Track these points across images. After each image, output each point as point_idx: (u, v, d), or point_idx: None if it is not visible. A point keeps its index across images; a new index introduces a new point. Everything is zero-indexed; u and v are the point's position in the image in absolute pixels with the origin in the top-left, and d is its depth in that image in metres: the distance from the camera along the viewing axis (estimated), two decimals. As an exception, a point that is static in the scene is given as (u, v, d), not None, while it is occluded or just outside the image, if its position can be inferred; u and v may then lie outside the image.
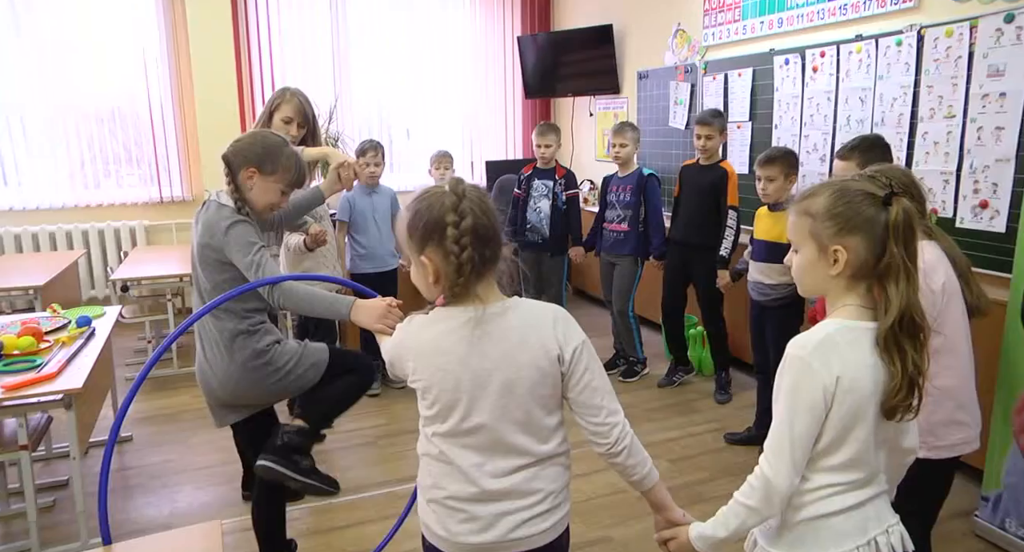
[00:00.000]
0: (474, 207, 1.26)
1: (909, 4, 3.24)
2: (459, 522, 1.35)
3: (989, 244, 2.93)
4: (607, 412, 1.36)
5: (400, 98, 6.03)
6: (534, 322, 1.33)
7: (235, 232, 1.96)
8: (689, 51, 4.75)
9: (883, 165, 1.99)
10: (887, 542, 1.26)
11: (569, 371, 1.33)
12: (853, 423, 1.21)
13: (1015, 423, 2.44)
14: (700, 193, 3.76)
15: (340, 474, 3.11)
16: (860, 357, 1.21)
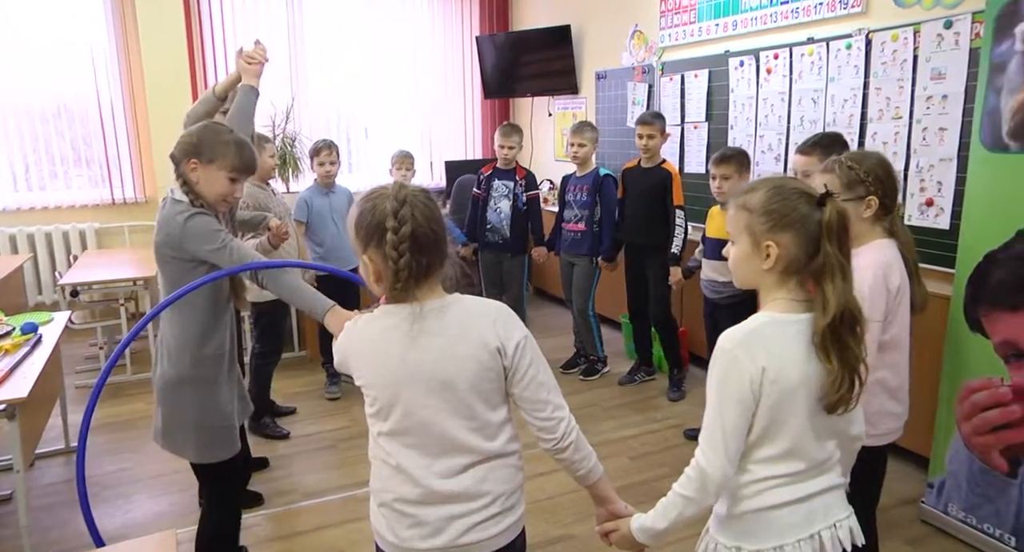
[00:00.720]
0: (415, 213, 1.26)
1: (857, 9, 3.33)
2: (408, 527, 1.34)
3: (934, 240, 3.02)
4: (553, 406, 1.36)
5: (358, 98, 5.97)
6: (474, 317, 1.33)
7: (193, 223, 1.92)
8: (646, 52, 4.80)
9: (860, 151, 2.04)
10: (831, 536, 1.29)
11: (512, 366, 1.33)
12: (783, 414, 1.24)
13: (959, 413, 2.52)
14: (645, 195, 3.80)
15: (300, 478, 3.08)
16: (787, 350, 1.24)
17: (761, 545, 1.28)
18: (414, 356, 1.30)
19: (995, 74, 2.38)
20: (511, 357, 1.33)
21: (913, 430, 2.84)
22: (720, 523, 1.35)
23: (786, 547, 1.27)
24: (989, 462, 2.44)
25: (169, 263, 1.98)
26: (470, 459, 1.34)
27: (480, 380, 1.32)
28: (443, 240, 1.32)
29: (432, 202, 1.32)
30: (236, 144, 2.01)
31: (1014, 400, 2.34)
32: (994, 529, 2.45)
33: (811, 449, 1.28)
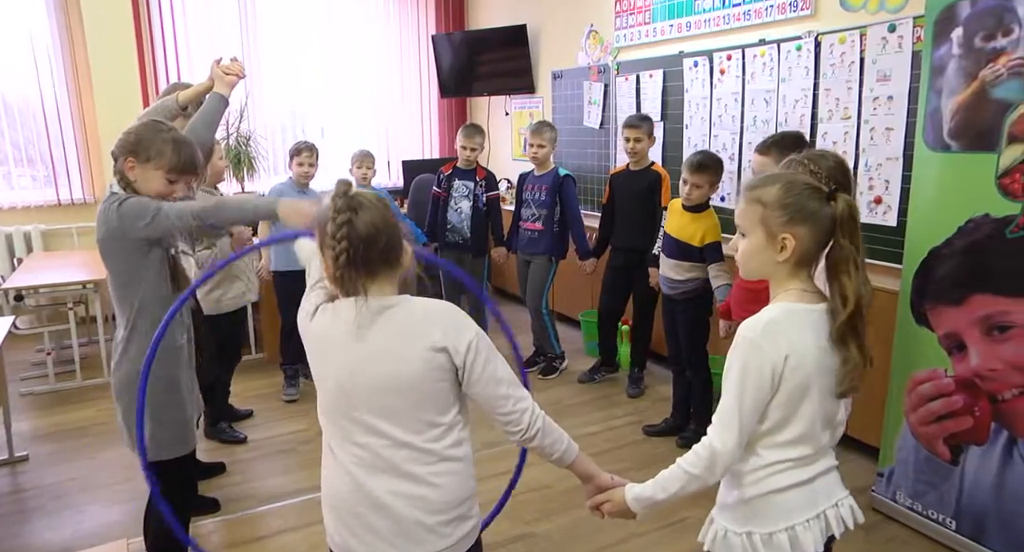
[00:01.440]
0: (359, 212, 1.29)
1: (806, 12, 3.41)
2: (346, 527, 1.36)
3: (883, 237, 3.11)
4: (514, 399, 1.38)
5: (314, 96, 5.89)
6: (420, 319, 1.34)
7: (125, 206, 1.88)
8: (602, 52, 4.84)
9: (818, 150, 2.09)
10: (836, 515, 1.37)
11: (466, 365, 1.34)
12: (800, 401, 1.30)
13: (906, 404, 2.61)
14: (636, 199, 3.79)
15: (258, 483, 3.03)
16: (804, 338, 1.30)
17: (772, 528, 1.33)
18: (357, 352, 1.31)
19: (936, 76, 2.46)
20: (463, 357, 1.33)
21: (864, 422, 2.95)
22: (729, 510, 1.39)
23: (796, 527, 1.32)
24: (934, 450, 2.53)
25: (116, 256, 1.94)
26: (411, 460, 1.33)
27: (423, 380, 1.32)
28: (391, 242, 1.32)
29: (381, 203, 1.34)
30: (175, 143, 1.97)
31: (956, 390, 2.43)
32: (937, 514, 2.54)
33: (818, 434, 1.34)
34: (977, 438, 2.40)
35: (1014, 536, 2.33)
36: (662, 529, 2.61)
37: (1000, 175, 2.29)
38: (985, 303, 2.34)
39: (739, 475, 1.36)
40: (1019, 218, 2.25)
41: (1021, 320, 2.25)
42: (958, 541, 2.48)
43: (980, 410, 2.38)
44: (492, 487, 2.96)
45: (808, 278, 1.35)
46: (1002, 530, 2.36)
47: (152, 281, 1.96)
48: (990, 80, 2.29)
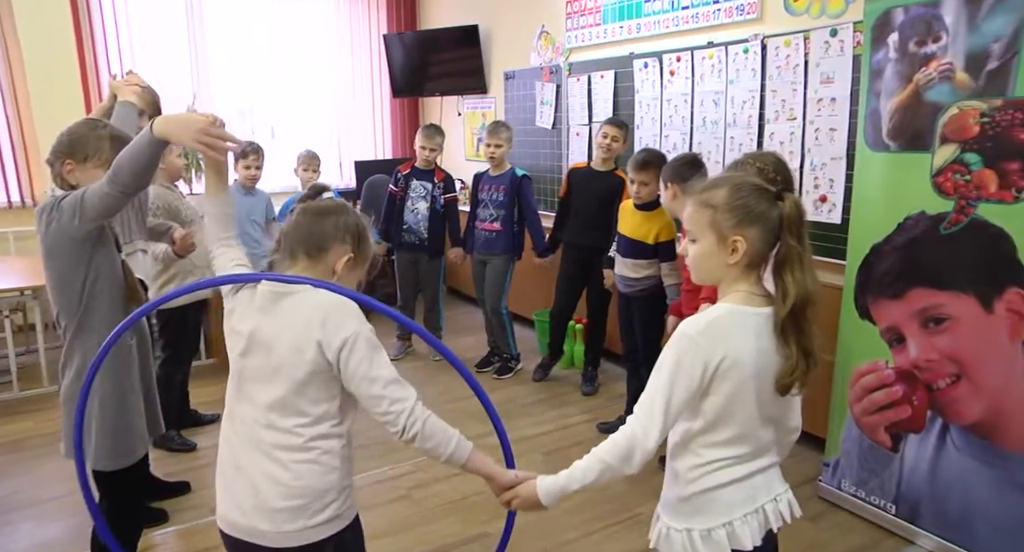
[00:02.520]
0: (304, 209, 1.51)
1: (752, 15, 3.49)
2: (220, 500, 1.45)
3: (828, 234, 3.20)
4: (389, 401, 1.39)
5: (264, 96, 5.78)
6: (309, 308, 1.40)
7: (65, 203, 1.82)
8: (553, 53, 4.88)
9: (759, 151, 2.15)
10: (774, 509, 1.39)
11: (339, 361, 1.38)
12: (736, 401, 1.31)
13: (850, 395, 2.69)
14: (596, 198, 3.82)
15: (212, 491, 2.94)
16: (745, 340, 1.30)
17: (711, 523, 1.34)
18: (256, 329, 1.43)
19: (874, 79, 2.55)
20: (336, 353, 1.38)
21: (811, 414, 3.01)
22: (670, 507, 1.41)
23: (734, 522, 1.34)
24: (876, 439, 2.63)
25: (60, 257, 1.87)
26: (278, 443, 1.41)
27: (295, 369, 1.39)
28: (319, 236, 1.45)
29: (338, 206, 1.51)
30: (112, 139, 1.93)
31: (897, 381, 2.53)
32: (879, 500, 2.64)
33: (757, 433, 1.36)
34: (915, 426, 2.50)
35: (945, 516, 2.45)
36: (616, 524, 2.65)
37: (934, 174, 2.38)
38: (922, 297, 2.43)
39: (678, 473, 1.38)
40: (951, 215, 2.35)
41: (954, 312, 2.35)
42: (897, 524, 2.59)
43: (918, 399, 2.47)
44: (449, 488, 2.97)
45: (758, 280, 1.35)
46: (935, 511, 2.47)
47: (98, 282, 1.90)
48: (923, 83, 2.39)
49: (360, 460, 3.07)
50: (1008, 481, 2.27)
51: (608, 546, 2.55)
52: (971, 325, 2.32)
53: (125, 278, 1.99)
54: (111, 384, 1.95)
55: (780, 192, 1.32)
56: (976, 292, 2.30)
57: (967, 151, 2.29)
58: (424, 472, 3.08)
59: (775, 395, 1.33)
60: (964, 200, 2.31)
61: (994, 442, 2.30)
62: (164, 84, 5.12)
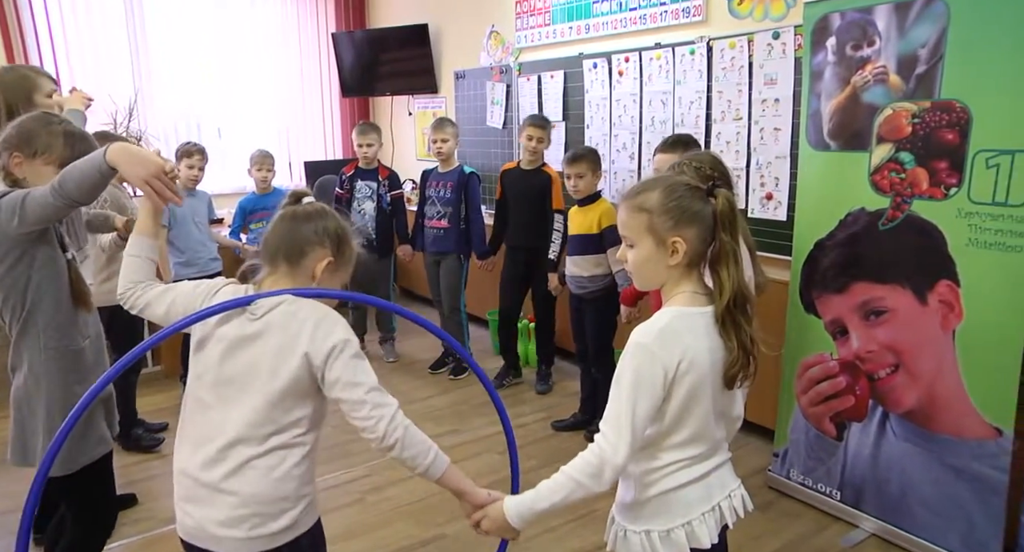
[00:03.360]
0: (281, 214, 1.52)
1: (698, 18, 3.57)
2: (178, 507, 1.45)
3: (775, 231, 3.30)
4: (371, 406, 1.38)
5: (210, 95, 5.64)
6: (296, 321, 1.40)
7: (8, 198, 1.73)
8: (503, 53, 4.89)
9: (695, 152, 2.21)
10: (729, 506, 1.41)
11: (325, 368, 1.39)
12: (693, 402, 1.31)
13: (797, 387, 2.78)
14: (527, 198, 3.85)
15: (165, 501, 2.86)
16: (697, 341, 1.31)
17: (670, 525, 1.35)
18: (240, 336, 1.42)
19: (815, 81, 2.64)
20: (323, 360, 1.38)
21: (760, 406, 3.11)
22: (626, 510, 1.41)
23: (693, 522, 1.35)
24: (822, 429, 2.72)
25: (8, 255, 1.79)
26: (236, 451, 1.40)
27: (275, 379, 1.39)
28: (297, 242, 1.46)
29: (316, 210, 1.52)
30: (66, 135, 1.86)
31: (840, 372, 2.62)
32: (825, 487, 2.74)
33: (711, 431, 1.37)
34: (858, 415, 2.59)
35: (885, 500, 2.55)
36: (572, 521, 2.68)
37: (872, 172, 2.48)
38: (863, 290, 2.53)
39: (636, 476, 1.37)
40: (888, 211, 2.44)
41: (892, 305, 2.45)
42: (842, 509, 2.68)
43: (860, 389, 2.57)
44: (404, 490, 2.96)
45: (699, 278, 1.36)
46: (877, 495, 2.58)
47: (43, 284, 1.83)
48: (860, 85, 2.48)
49: (315, 464, 3.05)
50: (939, 463, 2.38)
51: (568, 543, 2.58)
52: (907, 317, 2.42)
53: (72, 280, 1.93)
54: (60, 388, 1.88)
55: (711, 189, 1.33)
56: (912, 285, 2.40)
57: (901, 150, 2.39)
58: (378, 475, 3.07)
59: (723, 389, 1.35)
60: (900, 197, 2.41)
61: (928, 427, 2.40)
62: (103, 82, 5.01)
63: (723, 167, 2.08)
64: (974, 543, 2.32)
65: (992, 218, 2.20)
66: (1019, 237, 2.15)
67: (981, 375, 2.27)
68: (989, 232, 2.21)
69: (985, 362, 2.26)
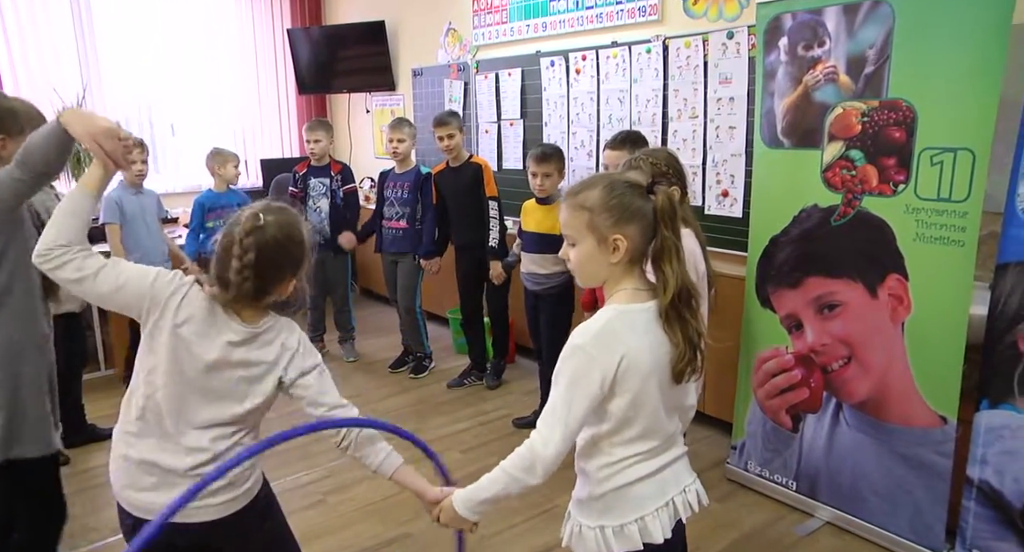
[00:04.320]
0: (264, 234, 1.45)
1: (654, 17, 3.60)
2: (137, 494, 1.51)
3: (731, 227, 3.35)
4: (327, 407, 1.54)
5: (163, 91, 5.50)
6: (279, 343, 1.53)
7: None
8: (461, 50, 4.88)
9: (651, 148, 2.23)
10: (683, 501, 1.42)
11: (295, 383, 1.53)
12: (641, 398, 1.31)
13: (754, 381, 2.83)
14: (463, 193, 3.82)
15: (107, 512, 2.77)
16: (638, 339, 1.30)
17: (623, 520, 1.36)
18: (229, 351, 1.47)
19: (768, 80, 2.69)
20: (296, 376, 1.52)
21: (719, 400, 3.16)
22: (582, 505, 1.41)
23: (646, 517, 1.36)
24: (778, 421, 2.77)
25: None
26: (211, 444, 1.48)
27: (255, 396, 1.50)
28: (280, 261, 1.45)
29: (284, 235, 1.46)
30: (33, 108, 1.91)
31: (796, 365, 2.68)
32: (782, 478, 2.79)
33: (663, 425, 1.37)
34: (812, 407, 2.65)
35: (838, 488, 2.62)
36: (534, 518, 2.69)
37: (824, 170, 2.54)
38: (817, 285, 2.58)
39: (589, 473, 1.38)
40: (840, 208, 2.50)
41: (845, 298, 2.51)
42: (798, 499, 2.74)
43: (815, 381, 2.63)
44: (366, 490, 2.93)
45: (641, 274, 1.36)
46: (830, 484, 2.64)
47: (16, 271, 1.79)
48: (811, 84, 2.54)
49: (273, 467, 3.01)
50: (889, 452, 2.45)
51: (529, 538, 2.59)
52: (859, 310, 2.48)
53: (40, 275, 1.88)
54: (33, 367, 1.85)
55: (651, 186, 1.33)
56: (863, 279, 2.46)
57: (852, 148, 2.45)
58: (339, 476, 3.04)
59: (672, 384, 1.35)
60: (851, 194, 2.47)
61: (879, 417, 2.47)
62: (48, 75, 4.84)
63: (678, 164, 2.11)
64: (920, 526, 2.40)
65: (937, 213, 2.27)
66: (961, 232, 2.22)
67: (928, 366, 2.34)
68: (934, 227, 2.28)
69: (931, 353, 2.33)
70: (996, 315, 2.19)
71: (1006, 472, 2.19)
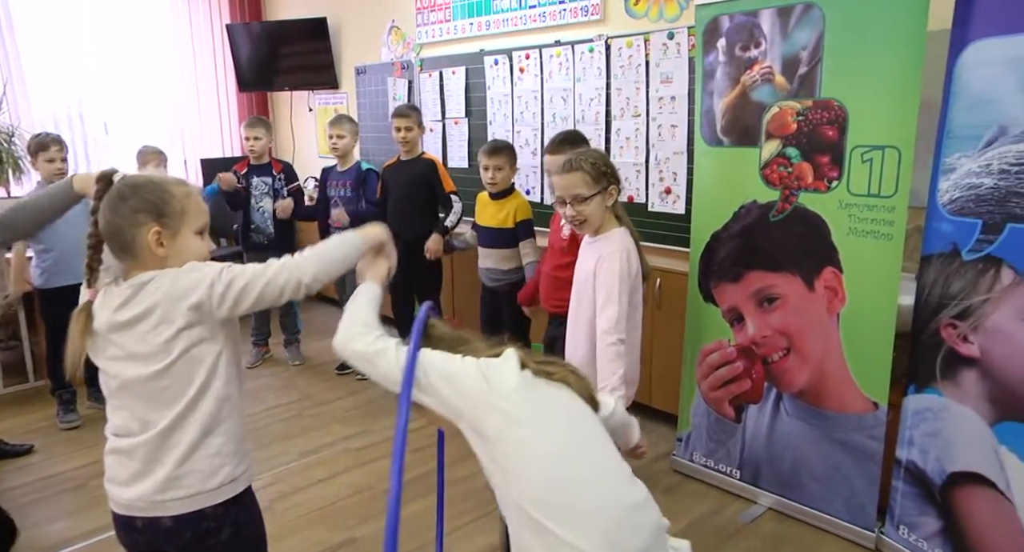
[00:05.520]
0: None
1: (596, 17, 3.65)
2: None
3: (674, 224, 3.42)
4: (267, 277, 1.51)
5: (95, 87, 5.30)
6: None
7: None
8: (404, 48, 4.85)
9: (584, 149, 2.27)
10: None
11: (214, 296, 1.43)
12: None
13: (698, 374, 2.90)
14: (409, 187, 3.79)
15: (43, 529, 2.67)
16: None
17: None
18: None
19: (707, 80, 2.75)
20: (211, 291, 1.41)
21: (664, 392, 3.23)
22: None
23: None
24: (721, 412, 2.85)
25: None
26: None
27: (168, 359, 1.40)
28: (118, 233, 1.38)
29: (108, 199, 1.40)
30: None
31: (738, 357, 2.75)
32: (726, 467, 2.87)
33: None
34: (754, 397, 2.73)
35: (780, 475, 2.71)
36: (479, 520, 2.69)
37: (762, 167, 2.61)
38: (757, 279, 2.66)
39: None
40: (778, 204, 2.58)
41: (784, 292, 2.60)
42: (742, 487, 2.82)
43: (756, 372, 2.71)
44: (313, 495, 2.90)
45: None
46: (772, 472, 2.73)
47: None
48: (749, 84, 2.61)
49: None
50: (826, 438, 2.55)
51: (477, 539, 2.59)
52: (797, 302, 2.57)
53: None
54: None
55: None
56: (801, 273, 2.55)
57: (788, 146, 2.53)
58: (284, 483, 2.99)
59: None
60: (788, 190, 2.55)
61: (816, 405, 2.57)
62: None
63: (610, 163, 2.16)
64: (855, 507, 2.51)
65: (868, 208, 2.37)
66: (889, 226, 2.32)
67: (861, 354, 2.44)
68: (866, 221, 2.38)
69: (864, 342, 2.43)
70: (921, 305, 2.30)
71: (929, 452, 2.30)
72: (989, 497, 2.14)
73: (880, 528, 2.47)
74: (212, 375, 1.40)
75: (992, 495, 2.13)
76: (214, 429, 1.41)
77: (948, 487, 2.25)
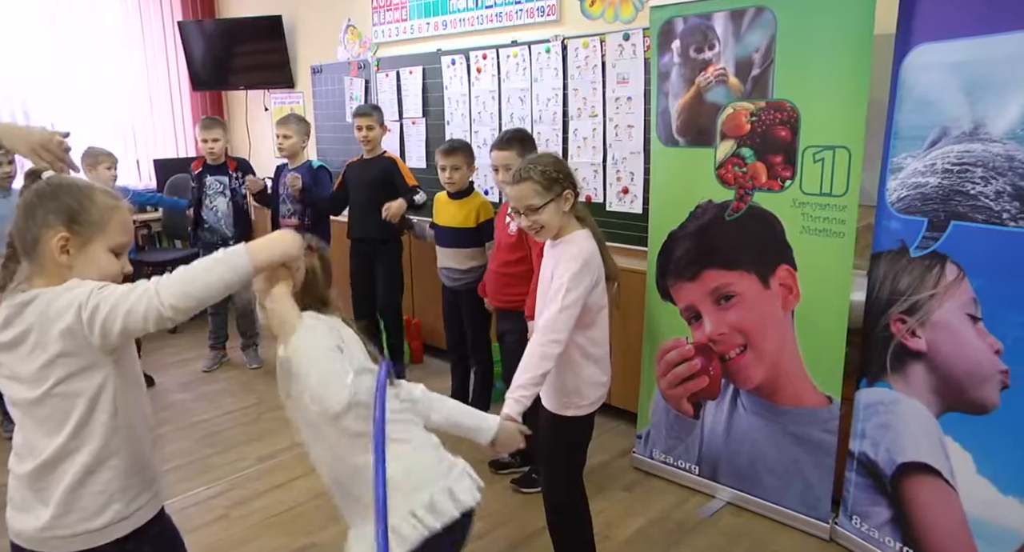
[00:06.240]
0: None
1: (552, 17, 3.66)
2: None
3: (631, 223, 3.45)
4: (128, 303, 1.46)
5: (41, 85, 5.13)
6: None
7: None
8: (361, 47, 4.81)
9: (535, 154, 2.26)
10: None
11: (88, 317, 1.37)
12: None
13: (657, 371, 2.94)
14: (370, 185, 3.78)
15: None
16: None
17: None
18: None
19: (663, 81, 2.79)
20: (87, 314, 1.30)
21: (624, 391, 3.25)
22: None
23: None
24: (680, 409, 2.88)
25: None
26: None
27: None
28: (26, 233, 1.29)
29: (25, 198, 1.31)
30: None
31: (696, 355, 2.79)
32: (685, 463, 2.91)
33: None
34: (712, 394, 2.78)
35: (737, 469, 2.76)
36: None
37: (717, 167, 2.66)
38: (714, 277, 2.70)
39: None
40: (733, 203, 2.63)
41: (740, 289, 2.64)
42: (701, 483, 2.87)
43: (713, 369, 2.75)
44: (272, 501, 2.86)
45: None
46: (730, 466, 2.78)
47: None
48: (703, 86, 2.65)
49: (174, 482, 2.88)
50: (782, 432, 2.60)
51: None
52: (753, 300, 2.62)
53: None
54: None
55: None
56: (756, 271, 2.60)
57: (742, 146, 2.58)
58: (242, 489, 2.94)
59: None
60: (743, 190, 2.60)
61: (772, 401, 2.62)
62: None
63: (565, 166, 2.10)
64: (811, 499, 2.57)
65: (820, 207, 2.42)
66: (841, 224, 2.38)
67: (815, 350, 2.50)
68: (818, 220, 2.43)
69: (818, 338, 2.49)
70: (872, 300, 2.37)
71: (880, 443, 2.37)
72: (935, 486, 2.21)
73: (834, 518, 2.53)
74: (93, 409, 1.29)
75: (938, 484, 2.20)
76: (101, 464, 1.31)
77: (898, 477, 2.31)
